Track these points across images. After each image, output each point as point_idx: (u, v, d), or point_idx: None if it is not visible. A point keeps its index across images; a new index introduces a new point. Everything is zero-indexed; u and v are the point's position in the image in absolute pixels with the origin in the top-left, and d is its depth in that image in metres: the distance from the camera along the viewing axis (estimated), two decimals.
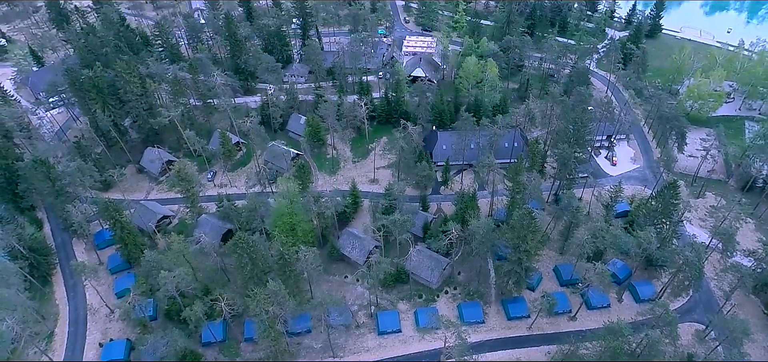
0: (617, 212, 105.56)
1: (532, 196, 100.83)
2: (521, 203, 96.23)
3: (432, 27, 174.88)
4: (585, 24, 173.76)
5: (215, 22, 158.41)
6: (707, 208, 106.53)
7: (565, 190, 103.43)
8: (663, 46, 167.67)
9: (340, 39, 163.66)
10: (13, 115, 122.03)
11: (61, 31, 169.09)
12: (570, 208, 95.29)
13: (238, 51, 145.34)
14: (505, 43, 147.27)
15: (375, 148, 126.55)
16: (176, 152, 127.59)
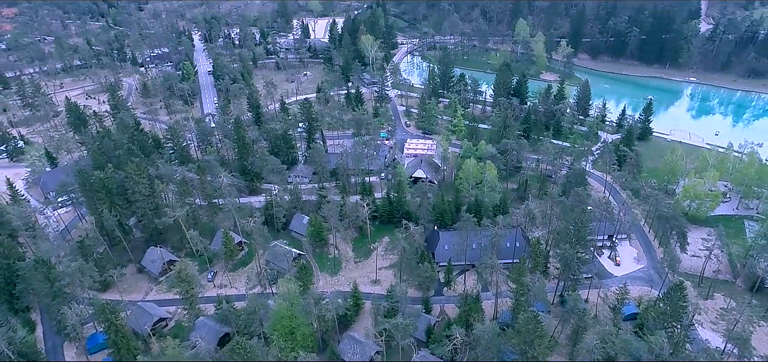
0: (625, 314, 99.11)
1: (537, 297, 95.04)
2: (526, 305, 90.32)
3: (432, 130, 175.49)
4: (578, 127, 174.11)
5: (225, 126, 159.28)
6: (717, 310, 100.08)
7: (570, 291, 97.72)
8: (655, 148, 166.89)
9: (343, 142, 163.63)
10: (21, 214, 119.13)
11: (77, 134, 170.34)
12: (576, 310, 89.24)
13: (246, 153, 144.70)
14: (502, 146, 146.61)
15: (377, 248, 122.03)
16: (178, 251, 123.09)
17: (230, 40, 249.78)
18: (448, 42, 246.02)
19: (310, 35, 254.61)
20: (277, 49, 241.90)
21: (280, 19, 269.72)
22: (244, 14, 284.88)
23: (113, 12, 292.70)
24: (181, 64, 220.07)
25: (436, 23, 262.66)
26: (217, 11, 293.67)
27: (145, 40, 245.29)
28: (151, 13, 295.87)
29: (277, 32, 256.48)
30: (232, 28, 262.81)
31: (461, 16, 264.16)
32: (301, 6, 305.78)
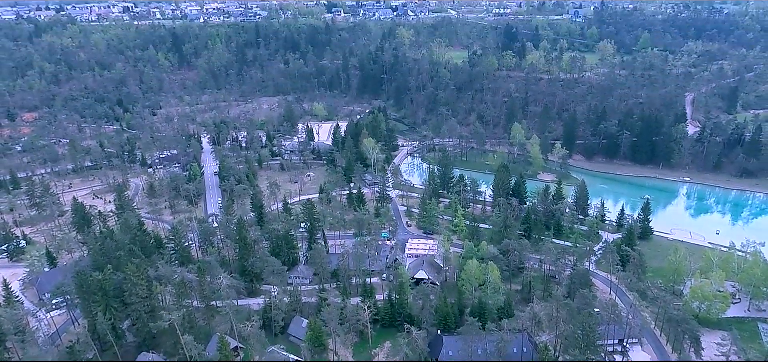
0: None
1: None
2: None
3: (433, 230, 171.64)
4: (578, 227, 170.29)
5: (228, 226, 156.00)
6: None
7: None
8: (657, 248, 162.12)
9: (345, 241, 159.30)
10: (12, 317, 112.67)
11: (80, 233, 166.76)
12: None
13: (247, 253, 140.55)
14: (504, 247, 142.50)
15: (378, 354, 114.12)
16: (171, 357, 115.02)
17: (237, 142, 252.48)
18: (447, 144, 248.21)
19: (314, 138, 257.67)
20: (282, 151, 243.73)
21: (286, 123, 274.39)
22: (252, 118, 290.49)
23: (128, 117, 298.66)
24: (188, 165, 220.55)
25: (434, 126, 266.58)
26: (226, 115, 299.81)
27: (156, 143, 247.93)
28: (163, 117, 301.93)
29: (282, 135, 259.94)
30: (239, 132, 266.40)
31: (459, 120, 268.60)
32: (307, 110, 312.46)
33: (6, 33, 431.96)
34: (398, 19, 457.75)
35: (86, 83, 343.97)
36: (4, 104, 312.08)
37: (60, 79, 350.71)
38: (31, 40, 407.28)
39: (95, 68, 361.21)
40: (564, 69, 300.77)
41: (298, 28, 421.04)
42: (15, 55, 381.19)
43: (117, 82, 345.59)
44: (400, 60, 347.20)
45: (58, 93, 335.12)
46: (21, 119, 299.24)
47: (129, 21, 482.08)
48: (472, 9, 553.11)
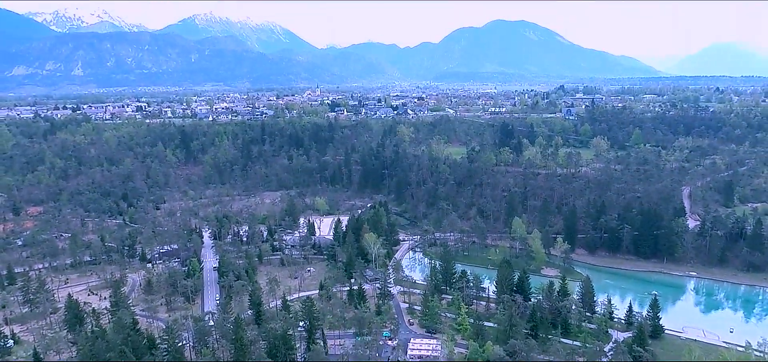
0: None
1: None
2: None
3: (436, 329, 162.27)
4: (586, 325, 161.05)
5: (224, 325, 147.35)
6: None
7: None
8: (670, 347, 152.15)
9: (345, 341, 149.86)
10: None
11: (72, 332, 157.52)
12: None
13: (242, 354, 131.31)
14: (510, 347, 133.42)
15: None
16: None
17: (238, 237, 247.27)
18: (448, 239, 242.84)
19: (315, 232, 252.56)
20: (282, 245, 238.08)
21: (288, 218, 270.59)
22: (254, 213, 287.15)
23: (131, 211, 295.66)
24: (188, 260, 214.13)
25: (435, 221, 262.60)
26: (229, 210, 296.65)
27: (157, 237, 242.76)
28: (166, 212, 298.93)
29: (284, 230, 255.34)
30: (241, 226, 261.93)
31: (459, 215, 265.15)
32: (309, 205, 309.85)
33: (22, 130, 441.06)
34: (399, 118, 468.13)
35: (94, 178, 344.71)
36: (11, 198, 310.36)
37: (69, 174, 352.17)
38: (45, 137, 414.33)
39: (104, 164, 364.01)
40: (561, 164, 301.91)
41: (303, 126, 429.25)
42: (28, 151, 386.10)
43: (124, 177, 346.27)
44: (400, 156, 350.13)
45: (65, 187, 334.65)
46: (26, 213, 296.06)
47: (141, 119, 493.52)
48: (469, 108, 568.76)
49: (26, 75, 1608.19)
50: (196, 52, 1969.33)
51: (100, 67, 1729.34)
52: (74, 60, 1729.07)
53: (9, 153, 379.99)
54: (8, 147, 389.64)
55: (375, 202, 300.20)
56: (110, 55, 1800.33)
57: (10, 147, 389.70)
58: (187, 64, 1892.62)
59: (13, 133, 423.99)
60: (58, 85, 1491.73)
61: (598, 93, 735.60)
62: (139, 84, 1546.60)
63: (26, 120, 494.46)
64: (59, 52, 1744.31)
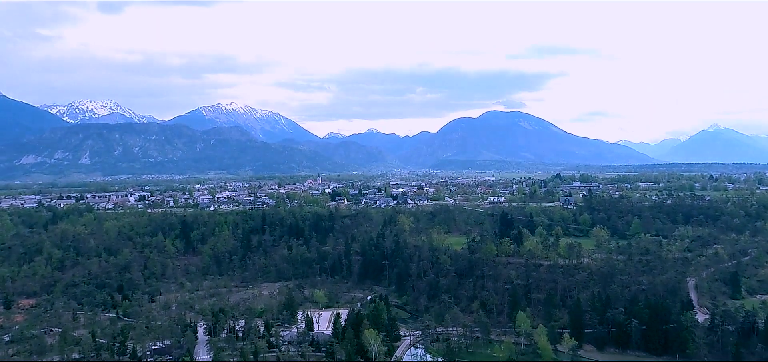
0: None
1: None
2: None
3: None
4: None
5: None
6: None
7: None
8: None
9: None
10: None
11: None
12: None
13: None
14: None
15: None
16: None
17: (234, 332, 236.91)
18: (451, 333, 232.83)
19: (313, 327, 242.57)
20: (279, 342, 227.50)
21: (286, 311, 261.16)
22: (251, 306, 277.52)
23: (126, 304, 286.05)
24: (180, 359, 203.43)
25: (437, 314, 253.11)
26: (226, 303, 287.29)
27: (149, 334, 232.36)
28: (162, 304, 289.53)
29: (281, 324, 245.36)
30: (238, 321, 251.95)
31: (462, 308, 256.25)
32: (307, 297, 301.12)
33: (24, 219, 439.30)
34: (399, 207, 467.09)
35: (91, 269, 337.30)
36: (4, 291, 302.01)
37: (65, 265, 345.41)
38: (46, 227, 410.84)
39: (102, 254, 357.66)
40: (562, 255, 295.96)
41: (303, 216, 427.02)
42: (27, 241, 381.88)
43: (121, 268, 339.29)
44: (401, 246, 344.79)
45: (61, 279, 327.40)
46: (18, 306, 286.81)
47: (142, 209, 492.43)
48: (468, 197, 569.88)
49: (34, 163, 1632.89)
50: (202, 142, 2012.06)
51: (107, 156, 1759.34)
52: (83, 149, 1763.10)
53: (7, 244, 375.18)
54: (7, 237, 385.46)
55: (375, 294, 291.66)
56: (118, 145, 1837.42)
57: (9, 237, 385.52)
58: (192, 153, 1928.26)
59: (14, 222, 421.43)
60: (65, 174, 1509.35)
61: (594, 181, 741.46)
62: (144, 173, 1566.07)
63: (29, 209, 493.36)
64: (68, 142, 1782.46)
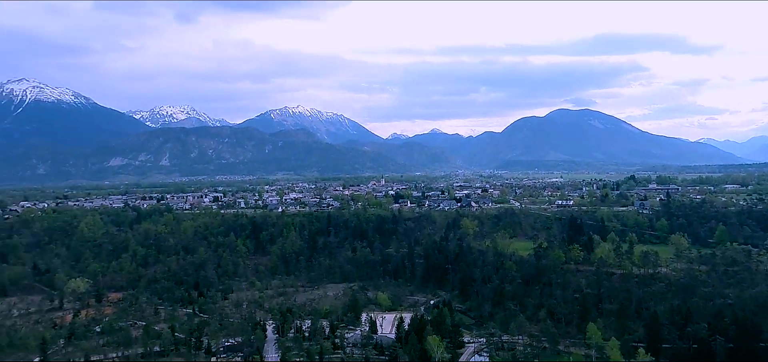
0: None
1: None
2: None
3: None
4: None
5: None
6: None
7: None
8: None
9: None
10: None
11: None
12: None
13: None
14: None
15: None
16: None
17: (301, 332, 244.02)
18: (516, 343, 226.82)
19: (377, 330, 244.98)
20: (344, 344, 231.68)
21: (350, 313, 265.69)
22: (317, 306, 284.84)
23: (201, 300, 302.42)
24: (250, 356, 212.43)
25: (502, 322, 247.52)
26: (293, 303, 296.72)
27: (223, 330, 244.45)
28: (234, 302, 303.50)
29: (345, 326, 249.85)
30: (304, 321, 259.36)
31: (528, 316, 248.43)
32: (371, 299, 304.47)
33: (113, 219, 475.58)
34: (462, 210, 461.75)
35: (170, 266, 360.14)
36: (96, 285, 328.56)
37: (148, 262, 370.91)
38: (131, 226, 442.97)
39: (180, 252, 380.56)
40: (637, 264, 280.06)
41: (367, 218, 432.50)
42: (115, 239, 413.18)
43: (197, 266, 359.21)
44: (464, 250, 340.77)
45: (144, 275, 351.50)
46: (107, 299, 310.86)
47: (216, 209, 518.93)
48: (534, 200, 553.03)
49: (121, 165, 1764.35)
50: (270, 144, 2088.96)
51: (184, 158, 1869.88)
52: (163, 152, 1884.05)
53: (99, 241, 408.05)
54: (99, 235, 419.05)
55: (438, 299, 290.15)
56: (194, 148, 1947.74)
57: (100, 235, 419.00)
58: (261, 154, 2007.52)
59: (104, 221, 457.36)
60: (148, 174, 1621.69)
61: (672, 182, 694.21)
62: (217, 173, 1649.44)
63: (117, 209, 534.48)
64: (151, 145, 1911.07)
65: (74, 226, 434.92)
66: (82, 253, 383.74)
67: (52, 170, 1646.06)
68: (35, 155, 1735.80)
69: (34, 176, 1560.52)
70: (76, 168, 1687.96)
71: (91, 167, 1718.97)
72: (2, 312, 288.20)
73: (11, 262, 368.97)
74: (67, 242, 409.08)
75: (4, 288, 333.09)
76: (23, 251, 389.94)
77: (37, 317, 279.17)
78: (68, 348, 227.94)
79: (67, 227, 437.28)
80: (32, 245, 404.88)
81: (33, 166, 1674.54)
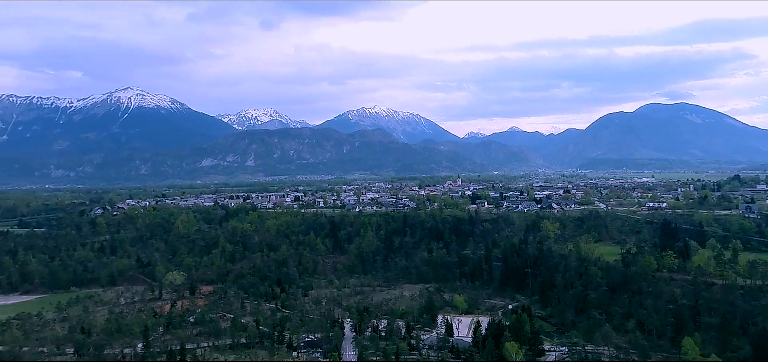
0: None
1: None
2: None
3: None
4: None
5: None
6: None
7: None
8: None
9: None
10: None
11: None
12: None
13: None
14: None
15: None
16: None
17: (377, 332, 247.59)
18: (601, 354, 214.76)
19: (453, 333, 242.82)
20: (420, 345, 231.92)
21: (426, 315, 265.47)
22: (393, 307, 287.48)
23: (283, 296, 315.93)
24: (329, 353, 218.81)
25: (586, 331, 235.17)
26: (370, 302, 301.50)
27: (303, 326, 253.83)
28: (313, 299, 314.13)
29: (421, 327, 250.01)
30: (380, 320, 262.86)
31: (614, 326, 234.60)
32: (447, 300, 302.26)
33: (204, 216, 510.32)
34: (543, 212, 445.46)
35: (255, 263, 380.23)
36: (190, 278, 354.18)
37: (235, 257, 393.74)
38: (220, 223, 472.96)
39: (264, 250, 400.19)
40: (742, 274, 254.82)
41: (443, 219, 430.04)
42: (206, 236, 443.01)
43: (279, 263, 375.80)
44: (545, 254, 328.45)
45: (231, 270, 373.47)
46: (200, 291, 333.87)
47: (297, 209, 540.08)
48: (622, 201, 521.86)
49: (211, 166, 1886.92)
50: (348, 144, 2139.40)
51: (267, 159, 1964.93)
52: (248, 153, 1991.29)
53: (192, 237, 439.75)
54: (192, 231, 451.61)
55: (517, 304, 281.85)
56: (277, 148, 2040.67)
57: (193, 232, 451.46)
58: (339, 154, 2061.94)
59: (197, 218, 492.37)
60: (235, 174, 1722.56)
61: None
62: (298, 173, 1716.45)
63: (207, 207, 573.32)
64: (237, 146, 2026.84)
65: (171, 223, 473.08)
66: (178, 248, 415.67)
67: (152, 170, 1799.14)
68: (138, 156, 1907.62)
69: (137, 175, 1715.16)
70: (172, 168, 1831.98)
71: (185, 167, 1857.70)
72: (112, 300, 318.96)
73: (119, 255, 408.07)
74: (165, 237, 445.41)
75: (114, 278, 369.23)
76: (128, 244, 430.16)
77: (140, 306, 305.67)
78: (166, 336, 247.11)
79: (165, 224, 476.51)
80: (136, 239, 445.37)
81: (136, 167, 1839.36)
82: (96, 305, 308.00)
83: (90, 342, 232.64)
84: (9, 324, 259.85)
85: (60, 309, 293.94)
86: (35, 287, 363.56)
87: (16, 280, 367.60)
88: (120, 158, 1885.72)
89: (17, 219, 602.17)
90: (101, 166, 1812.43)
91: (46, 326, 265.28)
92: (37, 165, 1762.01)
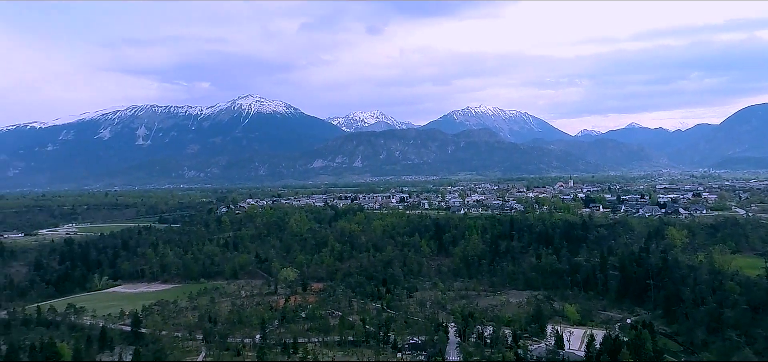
0: None
1: None
2: None
3: None
4: None
5: None
6: None
7: None
8: None
9: None
10: None
11: None
12: None
13: None
14: None
15: None
16: None
17: (482, 338, 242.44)
18: None
19: (563, 345, 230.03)
20: (528, 356, 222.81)
21: (534, 324, 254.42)
22: (499, 313, 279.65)
23: (388, 297, 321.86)
24: (433, 357, 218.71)
25: (720, 354, 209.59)
26: (475, 307, 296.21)
27: (408, 328, 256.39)
28: (417, 300, 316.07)
29: (529, 337, 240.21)
30: (486, 327, 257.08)
31: (756, 351, 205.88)
32: (557, 310, 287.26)
33: (315, 216, 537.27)
34: (667, 217, 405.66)
35: (362, 262, 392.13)
36: (302, 275, 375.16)
37: (343, 256, 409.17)
38: (330, 223, 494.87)
39: (371, 250, 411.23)
40: None
41: (553, 223, 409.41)
42: (317, 234, 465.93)
43: (385, 264, 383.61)
44: (670, 265, 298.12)
45: (340, 268, 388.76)
46: (311, 288, 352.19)
47: (402, 210, 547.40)
48: (766, 207, 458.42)
49: (322, 167, 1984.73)
50: (453, 145, 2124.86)
51: (374, 160, 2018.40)
52: (356, 154, 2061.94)
53: (304, 235, 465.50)
54: (304, 230, 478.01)
55: (637, 318, 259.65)
56: (383, 149, 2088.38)
57: (305, 230, 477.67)
58: (444, 155, 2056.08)
59: (308, 218, 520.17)
60: (343, 175, 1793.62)
61: None
62: (403, 173, 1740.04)
63: (318, 207, 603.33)
64: (346, 148, 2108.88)
65: (285, 222, 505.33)
66: (291, 245, 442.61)
67: (269, 171, 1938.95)
68: (257, 158, 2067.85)
69: (256, 176, 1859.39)
70: (287, 170, 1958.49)
71: (298, 168, 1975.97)
72: (234, 293, 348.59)
73: (240, 250, 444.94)
74: (280, 235, 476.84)
75: (236, 272, 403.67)
76: (248, 241, 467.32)
77: (258, 299, 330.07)
78: (281, 329, 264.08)
79: (280, 223, 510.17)
80: (255, 236, 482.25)
81: (255, 168, 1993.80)
82: (221, 296, 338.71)
83: (216, 331, 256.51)
84: (151, 310, 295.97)
85: (191, 299, 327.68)
86: (172, 277, 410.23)
87: (157, 270, 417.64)
88: (241, 160, 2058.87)
89: (158, 216, 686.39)
90: (226, 167, 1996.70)
91: (180, 313, 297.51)
92: (174, 167, 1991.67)
